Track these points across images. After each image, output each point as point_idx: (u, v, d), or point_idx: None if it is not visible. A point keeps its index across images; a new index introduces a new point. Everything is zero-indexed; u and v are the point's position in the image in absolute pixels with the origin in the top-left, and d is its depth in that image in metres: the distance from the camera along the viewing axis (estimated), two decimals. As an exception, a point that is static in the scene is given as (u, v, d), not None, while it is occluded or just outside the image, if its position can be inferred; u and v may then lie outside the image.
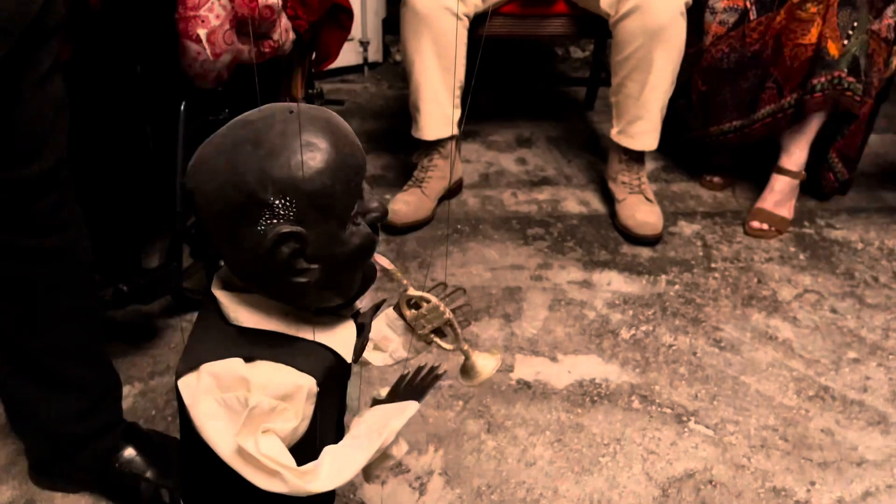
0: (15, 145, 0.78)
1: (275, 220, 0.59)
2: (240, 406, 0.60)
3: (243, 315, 0.65)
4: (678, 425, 1.22)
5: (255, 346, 0.63)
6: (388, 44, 2.78)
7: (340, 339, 0.68)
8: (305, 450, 0.65)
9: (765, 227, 1.74)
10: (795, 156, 1.74)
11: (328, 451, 0.66)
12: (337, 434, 0.74)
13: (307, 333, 0.66)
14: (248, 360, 0.62)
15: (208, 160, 0.61)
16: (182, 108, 1.23)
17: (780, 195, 1.76)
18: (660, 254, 1.67)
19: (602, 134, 2.23)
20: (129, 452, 1.06)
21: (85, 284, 0.97)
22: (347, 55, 2.63)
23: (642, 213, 1.71)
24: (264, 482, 0.61)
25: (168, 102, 1.22)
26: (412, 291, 0.75)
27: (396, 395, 0.75)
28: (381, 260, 0.71)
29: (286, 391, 0.62)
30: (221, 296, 0.66)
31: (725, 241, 1.73)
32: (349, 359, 0.70)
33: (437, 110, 1.71)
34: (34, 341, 0.95)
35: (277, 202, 0.58)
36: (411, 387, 0.75)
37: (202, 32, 1.16)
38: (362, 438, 0.68)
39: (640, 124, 1.71)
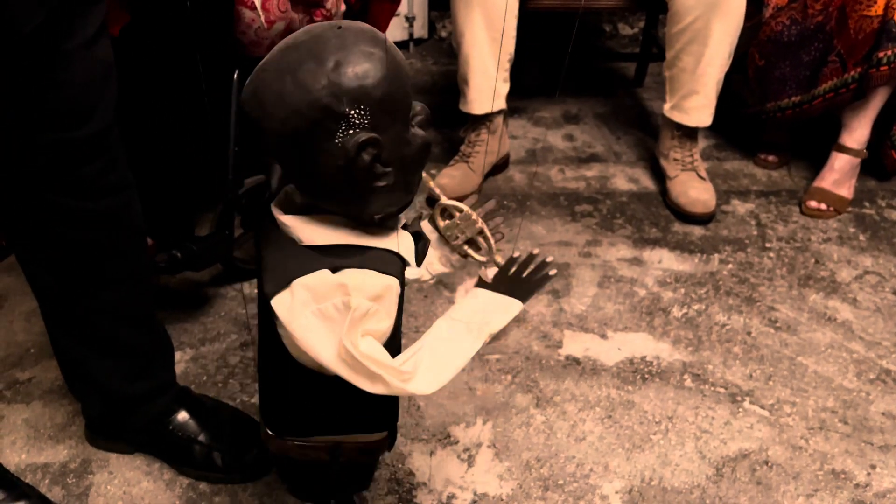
0: (64, 108, 0.78)
1: (351, 131, 0.61)
2: (337, 313, 0.63)
3: (314, 234, 0.67)
4: (732, 405, 1.19)
5: (336, 258, 0.66)
6: (433, 20, 2.76)
7: (403, 246, 0.72)
8: (392, 347, 0.68)
9: (823, 206, 1.68)
10: (857, 133, 1.67)
11: (426, 347, 0.67)
12: (399, 336, 0.77)
13: (377, 242, 0.69)
14: (334, 270, 0.65)
15: (271, 85, 0.62)
16: (235, 76, 1.23)
17: (839, 174, 1.70)
18: (712, 232, 1.63)
19: (652, 111, 2.18)
20: (183, 416, 1.07)
21: (135, 249, 0.98)
22: (393, 31, 2.61)
23: (695, 190, 1.66)
24: (367, 384, 0.63)
25: (222, 71, 1.22)
26: (445, 200, 0.77)
27: (502, 283, 0.74)
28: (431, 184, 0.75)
29: (378, 292, 0.65)
30: (288, 219, 0.68)
31: (781, 221, 1.68)
32: (414, 263, 0.73)
33: (486, 84, 1.68)
34: (86, 303, 0.96)
35: (353, 112, 0.61)
36: (519, 280, 0.74)
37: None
38: (460, 333, 0.69)
39: (695, 99, 1.66)
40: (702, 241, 1.60)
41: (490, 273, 0.76)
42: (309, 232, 0.67)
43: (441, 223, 0.79)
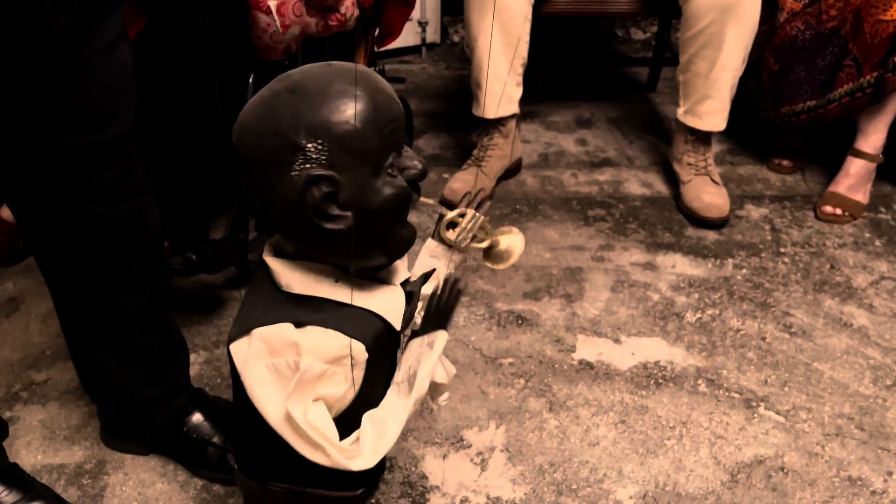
0: (85, 112, 0.79)
1: (307, 165, 0.59)
2: (289, 371, 0.60)
3: (294, 281, 0.65)
4: (747, 410, 1.18)
5: (305, 311, 0.63)
6: (446, 25, 2.77)
7: (389, 305, 0.68)
8: (355, 418, 0.65)
9: (838, 211, 1.67)
10: (873, 138, 1.66)
11: (368, 418, 0.65)
12: None
13: (358, 299, 0.65)
14: (298, 325, 0.62)
15: (248, 112, 0.62)
16: (250, 80, 1.24)
17: (854, 179, 1.69)
18: (726, 237, 1.63)
19: (665, 115, 2.17)
20: (197, 417, 1.07)
21: (153, 252, 0.98)
22: (406, 36, 2.62)
23: (709, 195, 1.66)
24: (308, 452, 0.61)
25: (237, 75, 1.23)
26: (448, 214, 0.78)
27: (429, 322, 0.71)
28: (422, 200, 0.72)
29: (336, 354, 0.62)
30: (272, 262, 0.66)
31: (795, 226, 1.67)
32: (398, 326, 0.69)
33: (499, 88, 1.69)
34: (103, 306, 0.97)
35: (311, 145, 0.59)
36: (439, 310, 0.70)
37: (272, 3, 1.17)
38: (392, 400, 0.67)
39: (709, 104, 1.66)
40: (715, 245, 1.60)
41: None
42: (289, 278, 0.65)
43: (450, 235, 0.78)
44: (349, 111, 0.59)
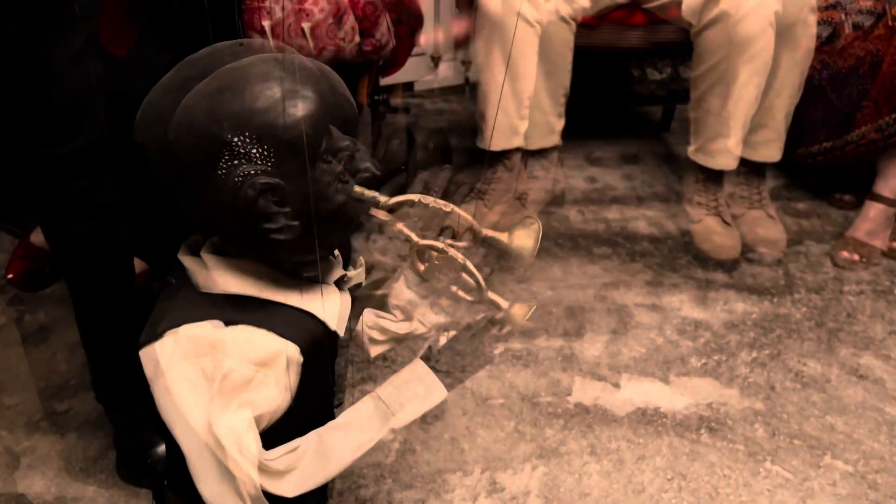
0: (47, 123, 0.76)
1: (236, 162, 0.53)
2: (208, 377, 0.54)
3: (215, 280, 0.58)
4: (754, 465, 1.10)
5: (230, 310, 0.57)
6: (460, 61, 2.76)
7: (326, 306, 0.62)
8: (289, 429, 0.58)
9: (855, 257, 1.60)
10: (893, 182, 1.60)
11: (316, 437, 0.57)
12: (325, 419, 0.66)
13: (292, 299, 0.59)
14: (227, 324, 0.56)
15: (155, 105, 0.55)
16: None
17: (873, 223, 1.61)
18: (735, 279, 1.56)
19: (678, 154, 2.12)
20: (163, 448, 1.02)
21: (121, 273, 0.94)
22: (450, 74, 2.61)
23: (719, 236, 1.59)
24: (231, 465, 0.54)
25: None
26: (418, 241, 0.66)
27: (451, 347, 0.63)
28: (378, 214, 0.63)
29: (265, 356, 0.56)
30: (188, 261, 0.60)
31: (810, 271, 1.59)
32: (336, 328, 0.62)
33: (504, 120, 1.65)
34: (81, 326, 0.94)
35: (237, 139, 0.52)
36: (470, 347, 0.64)
37: (306, 26, 1.14)
38: (377, 410, 0.59)
39: (720, 142, 1.60)
40: (725, 287, 1.53)
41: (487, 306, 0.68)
42: (209, 278, 0.58)
43: (420, 267, 0.68)
44: (275, 97, 0.53)
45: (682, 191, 1.75)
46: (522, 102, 1.64)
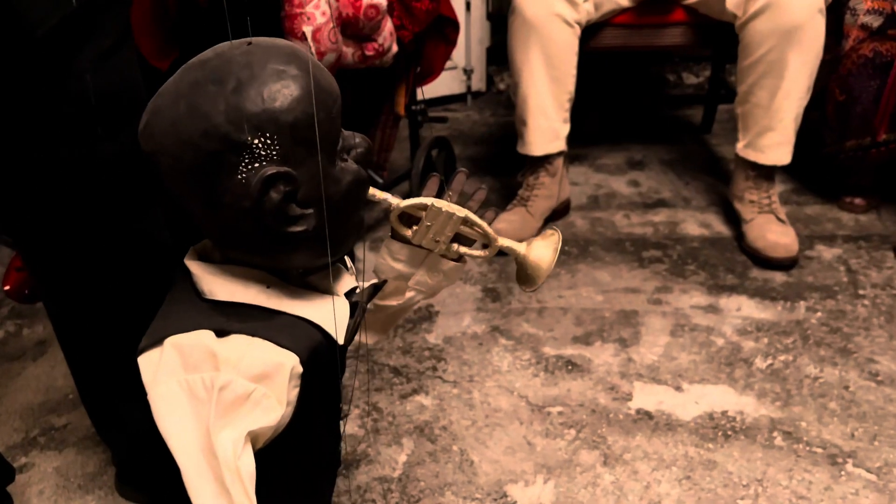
0: (82, 120, 0.74)
1: (256, 164, 0.50)
2: (205, 391, 0.50)
3: (218, 287, 0.56)
4: (832, 467, 1.04)
5: (228, 319, 0.54)
6: (491, 73, 2.74)
7: (329, 315, 0.58)
8: (291, 444, 0.55)
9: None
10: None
11: None
12: (330, 436, 0.62)
13: (295, 307, 0.56)
14: (220, 333, 0.53)
15: (164, 112, 0.52)
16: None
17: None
18: (796, 279, 1.49)
19: (722, 156, 2.07)
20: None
21: (160, 276, 0.92)
22: (451, 83, 2.61)
23: (774, 233, 1.53)
24: (209, 497, 0.49)
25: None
26: (401, 203, 0.61)
27: None
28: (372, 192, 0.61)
29: (262, 370, 0.52)
30: (195, 267, 0.57)
31: (874, 267, 1.52)
32: (339, 338, 0.59)
33: (545, 124, 1.61)
34: (65, 347, 0.96)
35: (257, 141, 0.50)
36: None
37: (307, 30, 1.13)
38: None
39: (771, 136, 1.55)
40: (784, 287, 1.46)
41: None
42: (213, 284, 0.56)
43: (407, 233, 0.63)
44: (293, 95, 0.51)
45: (730, 190, 1.69)
46: (563, 105, 1.61)
